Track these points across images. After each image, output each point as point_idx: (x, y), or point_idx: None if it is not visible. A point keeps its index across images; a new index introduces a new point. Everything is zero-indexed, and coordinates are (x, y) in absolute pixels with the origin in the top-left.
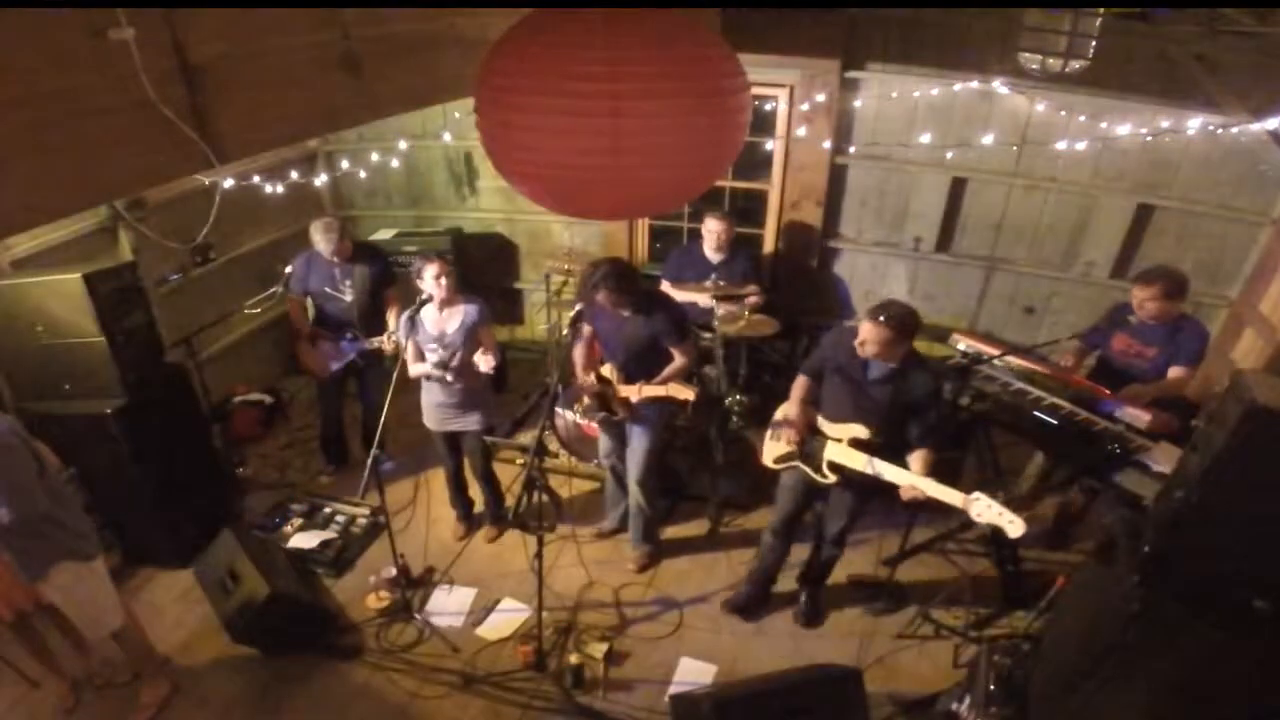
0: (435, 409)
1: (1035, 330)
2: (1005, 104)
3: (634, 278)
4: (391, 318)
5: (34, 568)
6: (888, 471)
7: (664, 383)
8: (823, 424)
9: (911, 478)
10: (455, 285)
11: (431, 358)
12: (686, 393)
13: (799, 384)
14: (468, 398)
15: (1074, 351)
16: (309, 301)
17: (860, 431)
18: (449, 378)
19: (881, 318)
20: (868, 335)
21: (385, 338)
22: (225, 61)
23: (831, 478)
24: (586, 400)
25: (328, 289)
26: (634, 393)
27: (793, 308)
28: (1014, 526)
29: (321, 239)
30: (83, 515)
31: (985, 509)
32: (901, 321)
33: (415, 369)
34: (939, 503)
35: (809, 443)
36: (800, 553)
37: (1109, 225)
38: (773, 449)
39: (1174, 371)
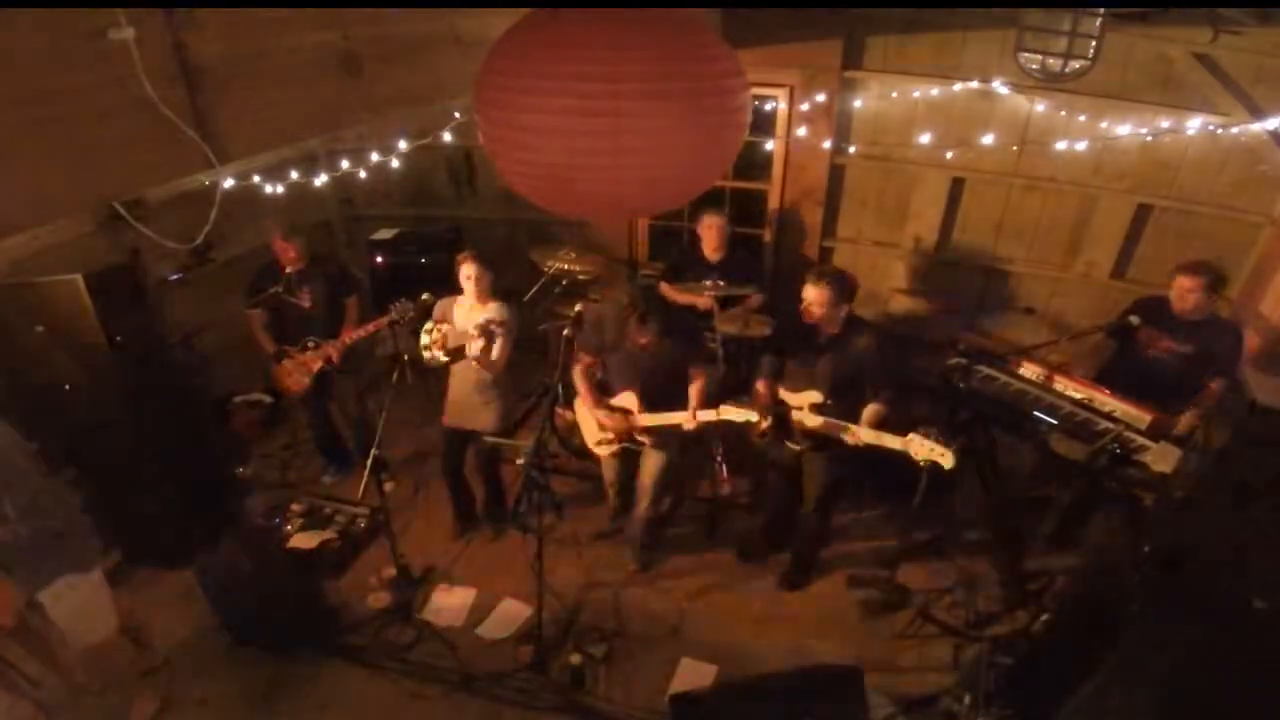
0: (453, 403)
1: (1035, 330)
2: (1005, 104)
3: (660, 299)
4: (348, 328)
5: (37, 580)
6: (836, 427)
7: (715, 407)
8: (786, 394)
9: (853, 429)
10: (488, 288)
11: (450, 342)
12: (746, 415)
13: (764, 362)
14: (486, 396)
15: (1092, 350)
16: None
17: (815, 397)
18: (441, 356)
19: (824, 280)
20: (810, 297)
21: (337, 344)
22: (225, 61)
23: (804, 443)
24: (607, 435)
25: (286, 298)
26: (689, 419)
27: (792, 308)
28: (946, 459)
29: (277, 240)
30: (85, 523)
31: (920, 446)
32: (838, 281)
33: (424, 343)
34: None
35: (780, 413)
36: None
37: (1109, 225)
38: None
39: (1214, 386)
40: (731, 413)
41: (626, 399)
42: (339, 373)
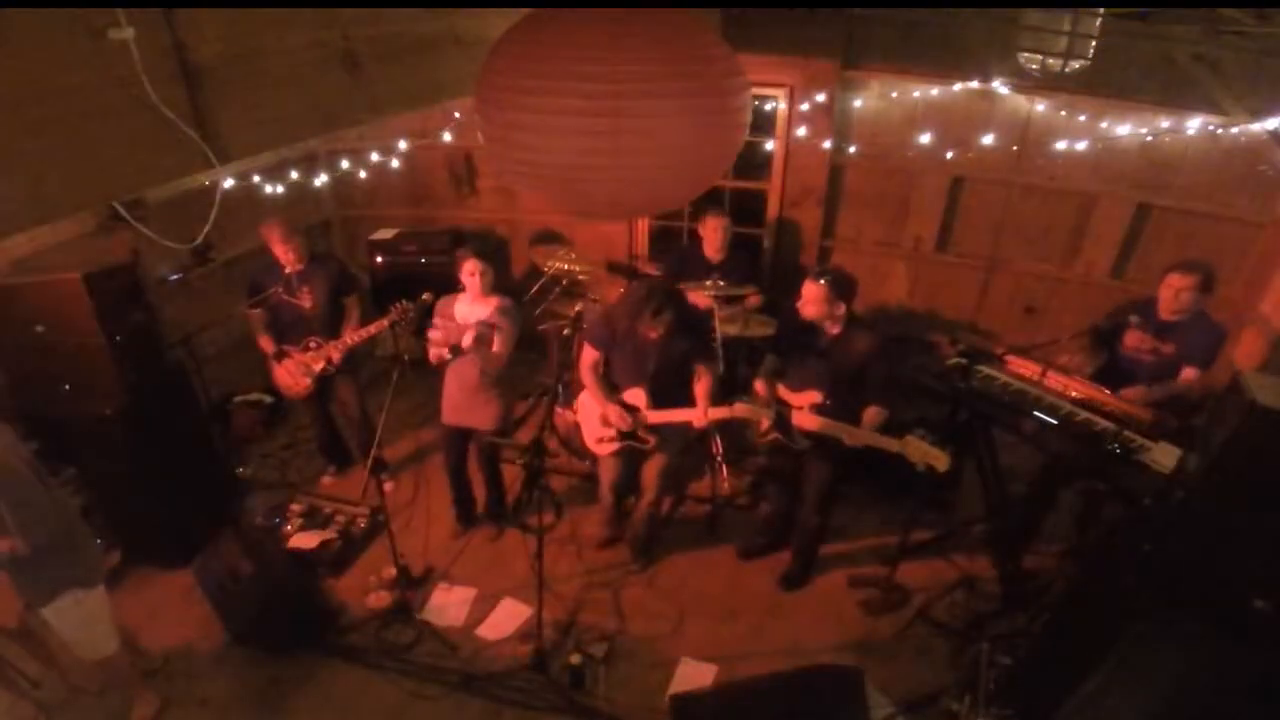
0: (451, 400)
1: (1035, 330)
2: (1005, 104)
3: (677, 293)
4: (350, 328)
5: (41, 594)
6: (835, 427)
7: (728, 405)
8: (785, 394)
9: (851, 430)
10: (490, 284)
11: (452, 339)
12: (760, 413)
13: (765, 362)
14: (484, 394)
15: (1083, 349)
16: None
17: (815, 397)
18: (446, 354)
19: (822, 279)
20: (806, 294)
21: (339, 345)
22: (225, 61)
23: (804, 443)
24: (612, 428)
25: (286, 297)
26: (701, 416)
27: (792, 308)
28: (940, 462)
29: (274, 236)
30: (91, 539)
31: (915, 449)
32: (836, 280)
33: (434, 352)
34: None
35: (780, 412)
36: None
37: (1109, 225)
38: (757, 426)
39: (1186, 373)
40: (745, 410)
41: (634, 396)
42: (339, 373)
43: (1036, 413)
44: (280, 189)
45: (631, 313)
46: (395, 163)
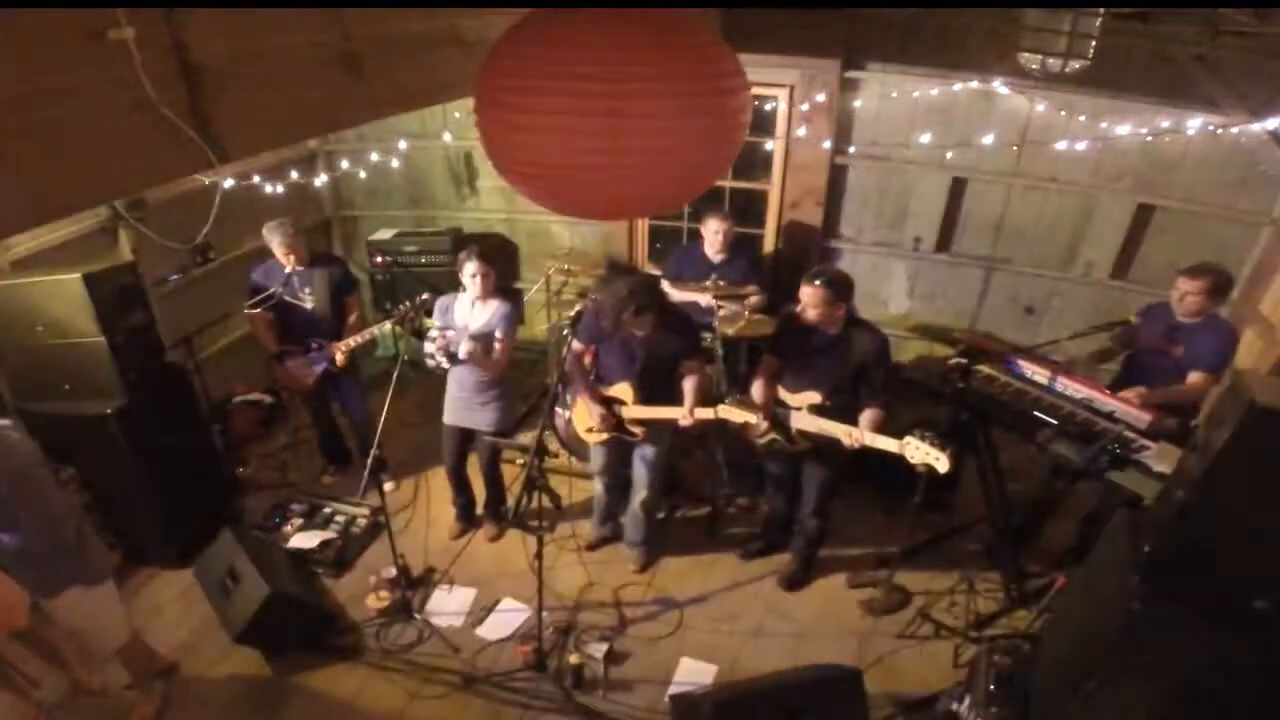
0: (453, 401)
1: (1035, 330)
2: (1005, 104)
3: (660, 293)
4: (351, 329)
5: (47, 589)
6: (834, 428)
7: (711, 406)
8: (784, 395)
9: (851, 431)
10: (493, 286)
11: (452, 347)
12: (745, 416)
13: (763, 363)
14: (486, 395)
15: (1097, 348)
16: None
17: (814, 398)
18: (444, 364)
19: (817, 281)
20: (805, 299)
21: (342, 346)
22: (225, 61)
23: (802, 444)
24: (597, 422)
25: (288, 298)
26: (686, 415)
27: (792, 308)
28: (941, 463)
29: (276, 239)
30: (97, 539)
31: (916, 450)
32: (833, 281)
33: (428, 351)
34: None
35: (779, 414)
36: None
37: (1109, 225)
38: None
39: (1193, 377)
40: (729, 412)
41: (621, 390)
42: (340, 373)
43: (1036, 413)
44: (280, 189)
45: (615, 311)
46: (395, 163)
